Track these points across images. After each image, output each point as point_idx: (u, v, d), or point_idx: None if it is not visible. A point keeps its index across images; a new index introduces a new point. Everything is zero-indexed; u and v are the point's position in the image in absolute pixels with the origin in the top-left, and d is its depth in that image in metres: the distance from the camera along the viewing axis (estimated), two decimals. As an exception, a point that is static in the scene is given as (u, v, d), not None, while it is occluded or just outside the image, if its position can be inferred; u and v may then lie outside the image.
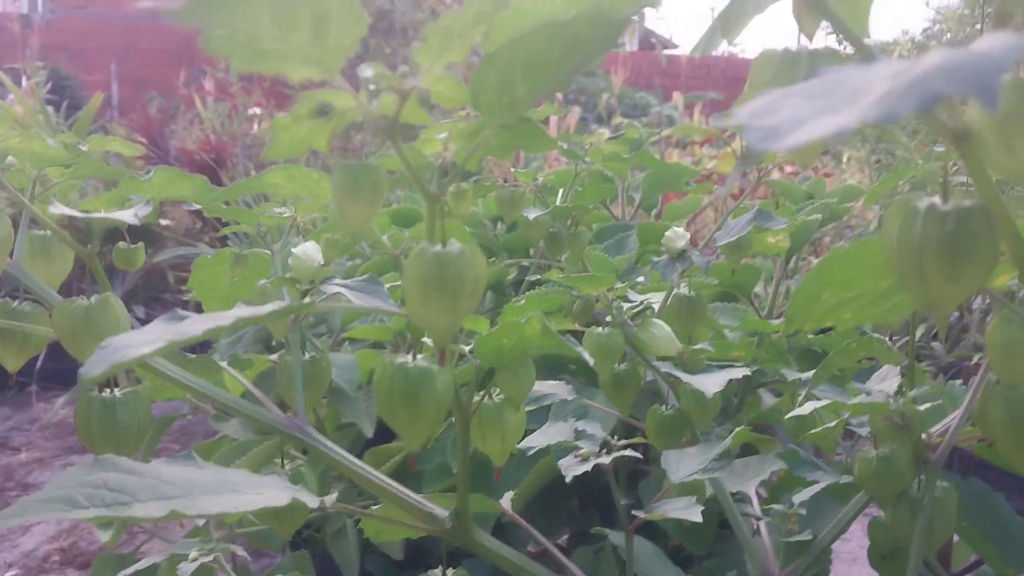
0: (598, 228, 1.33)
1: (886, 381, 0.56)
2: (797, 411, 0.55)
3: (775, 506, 0.74)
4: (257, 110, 3.97)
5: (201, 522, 0.92)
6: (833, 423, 0.56)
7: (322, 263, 0.53)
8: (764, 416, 1.03)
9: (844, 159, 3.80)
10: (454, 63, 0.30)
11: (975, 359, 1.86)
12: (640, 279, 0.86)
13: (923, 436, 0.52)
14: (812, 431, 0.60)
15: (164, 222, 2.83)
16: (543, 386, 0.79)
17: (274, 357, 1.14)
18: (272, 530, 1.13)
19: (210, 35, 0.23)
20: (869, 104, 0.22)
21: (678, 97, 5.48)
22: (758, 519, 0.76)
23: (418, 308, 0.33)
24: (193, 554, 0.74)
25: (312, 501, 0.42)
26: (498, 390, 0.49)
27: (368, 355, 1.26)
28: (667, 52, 9.06)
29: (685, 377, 0.63)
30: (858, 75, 0.25)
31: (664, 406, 0.73)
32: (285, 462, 0.56)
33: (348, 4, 0.24)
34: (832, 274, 0.38)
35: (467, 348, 0.49)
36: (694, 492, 0.71)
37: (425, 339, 0.46)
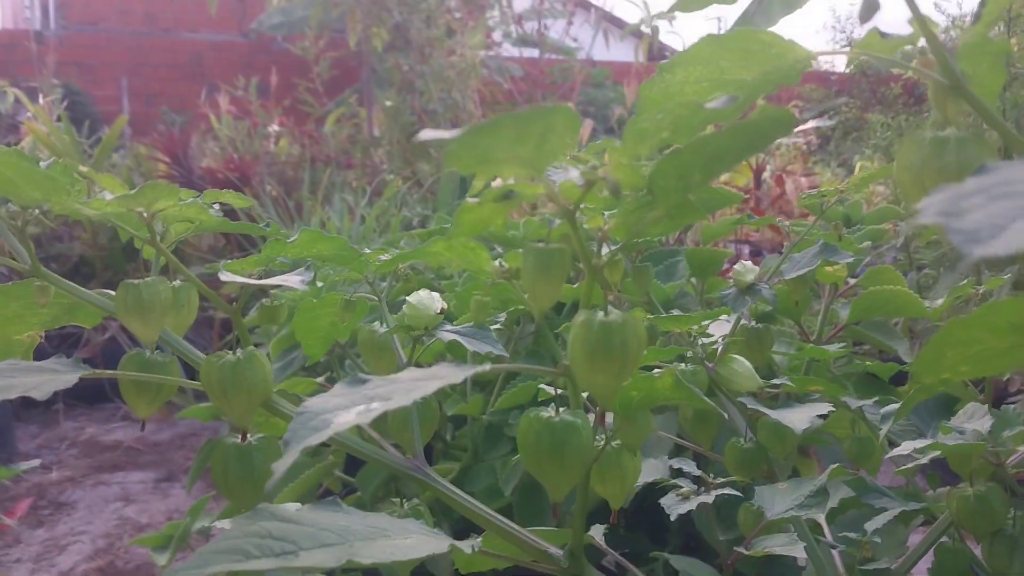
0: (646, 254, 1.36)
1: (974, 419, 0.58)
2: (898, 450, 0.57)
3: (849, 534, 0.76)
4: (276, 127, 4.00)
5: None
6: (925, 459, 0.58)
7: (437, 311, 0.55)
8: (811, 439, 1.05)
9: (856, 168, 3.82)
10: (639, 155, 0.32)
11: None
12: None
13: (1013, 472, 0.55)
14: (902, 468, 0.62)
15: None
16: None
17: (320, 380, 1.17)
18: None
19: (452, 148, 0.26)
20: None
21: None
22: (833, 547, 0.78)
23: (585, 373, 0.36)
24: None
25: (464, 547, 0.44)
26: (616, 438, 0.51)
27: None
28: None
29: (773, 414, 0.66)
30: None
31: (743, 439, 0.76)
32: (402, 501, 0.59)
33: (569, 120, 0.27)
34: (957, 334, 0.41)
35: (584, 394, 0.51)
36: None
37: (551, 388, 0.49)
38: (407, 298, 0.56)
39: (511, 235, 1.20)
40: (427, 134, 0.24)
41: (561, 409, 0.44)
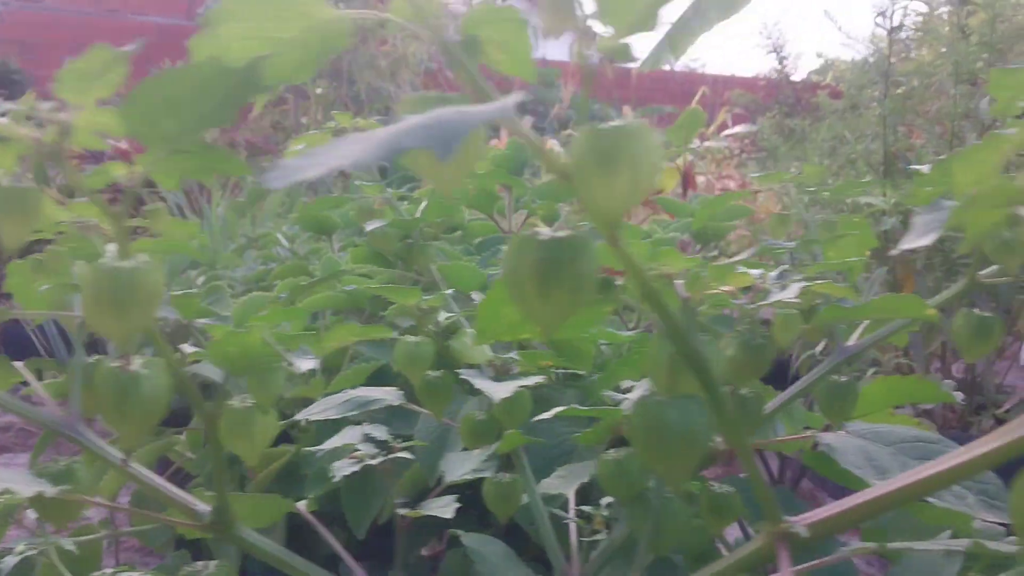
0: (480, 240, 1.37)
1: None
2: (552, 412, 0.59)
3: (584, 507, 0.78)
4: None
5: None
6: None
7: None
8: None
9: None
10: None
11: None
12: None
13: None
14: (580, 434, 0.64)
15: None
16: (374, 391, 0.83)
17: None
18: (158, 530, 1.15)
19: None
20: (353, 152, 0.26)
21: (628, 111, 5.56)
22: (565, 520, 0.80)
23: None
24: (20, 547, 0.76)
25: (50, 490, 0.45)
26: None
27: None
28: (626, 65, 9.15)
29: (477, 383, 0.67)
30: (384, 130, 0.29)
31: (479, 412, 0.77)
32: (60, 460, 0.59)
33: None
34: (497, 301, 0.43)
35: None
36: (510, 495, 0.76)
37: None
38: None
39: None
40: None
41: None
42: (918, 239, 0.40)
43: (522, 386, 0.68)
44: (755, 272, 0.60)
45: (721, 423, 0.42)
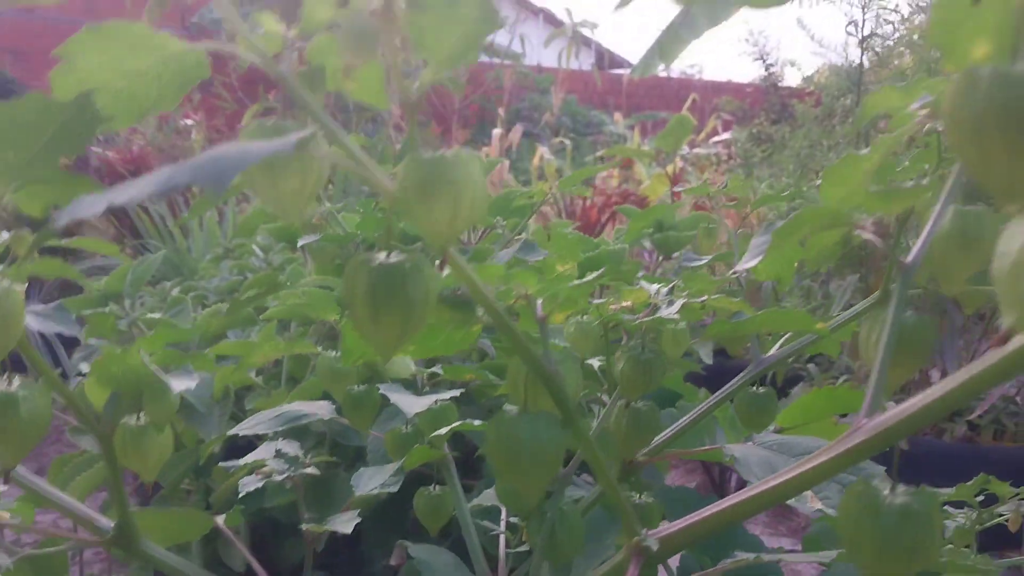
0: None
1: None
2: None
3: (513, 519, 0.79)
4: (189, 121, 3.99)
5: None
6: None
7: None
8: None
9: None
10: None
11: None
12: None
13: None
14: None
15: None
16: (306, 406, 0.84)
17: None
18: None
19: None
20: (131, 190, 0.27)
21: (620, 119, 5.57)
22: (495, 532, 0.81)
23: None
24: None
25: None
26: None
27: (230, 370, 1.29)
28: (620, 71, 9.19)
29: (393, 398, 0.68)
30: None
31: (406, 426, 0.78)
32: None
33: None
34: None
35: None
36: (439, 507, 0.77)
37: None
38: None
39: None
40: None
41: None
42: (748, 262, 0.41)
43: (439, 400, 0.69)
44: (651, 288, 0.61)
45: (576, 438, 0.43)
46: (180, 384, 0.49)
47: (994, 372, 0.31)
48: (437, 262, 0.38)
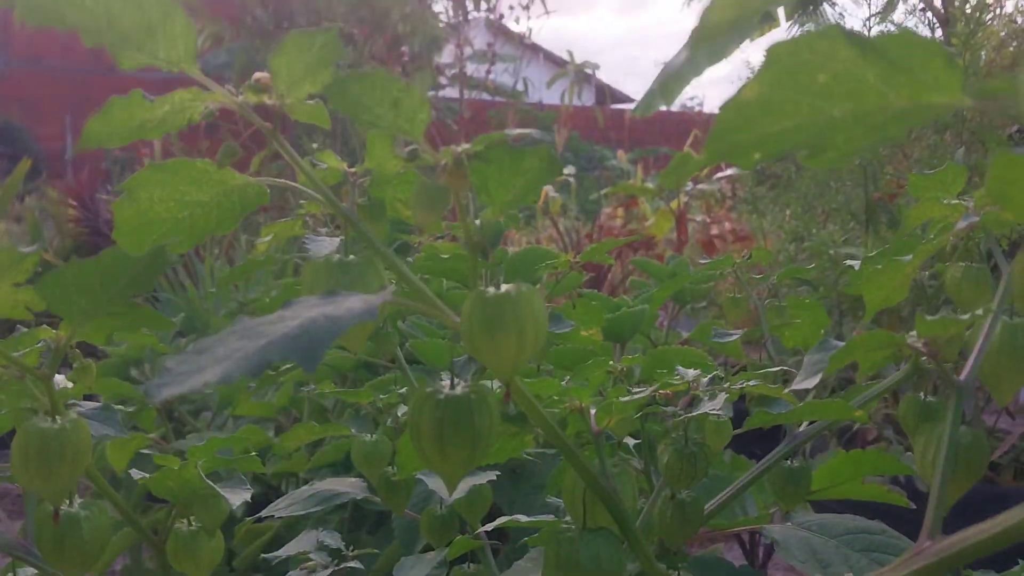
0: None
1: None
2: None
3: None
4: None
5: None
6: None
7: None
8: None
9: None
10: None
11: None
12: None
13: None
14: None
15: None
16: (339, 485, 0.85)
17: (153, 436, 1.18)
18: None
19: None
20: (224, 368, 0.28)
21: (623, 155, 5.61)
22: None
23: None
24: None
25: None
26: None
27: (253, 430, 1.30)
28: (621, 107, 9.27)
29: (429, 482, 0.69)
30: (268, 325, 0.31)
31: (440, 506, 0.78)
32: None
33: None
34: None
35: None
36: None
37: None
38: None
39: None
40: None
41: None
42: (805, 380, 0.42)
43: (475, 484, 0.69)
44: (690, 374, 0.62)
45: (637, 556, 0.43)
46: (236, 497, 0.49)
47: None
48: (500, 390, 0.38)
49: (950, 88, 0.28)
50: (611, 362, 0.71)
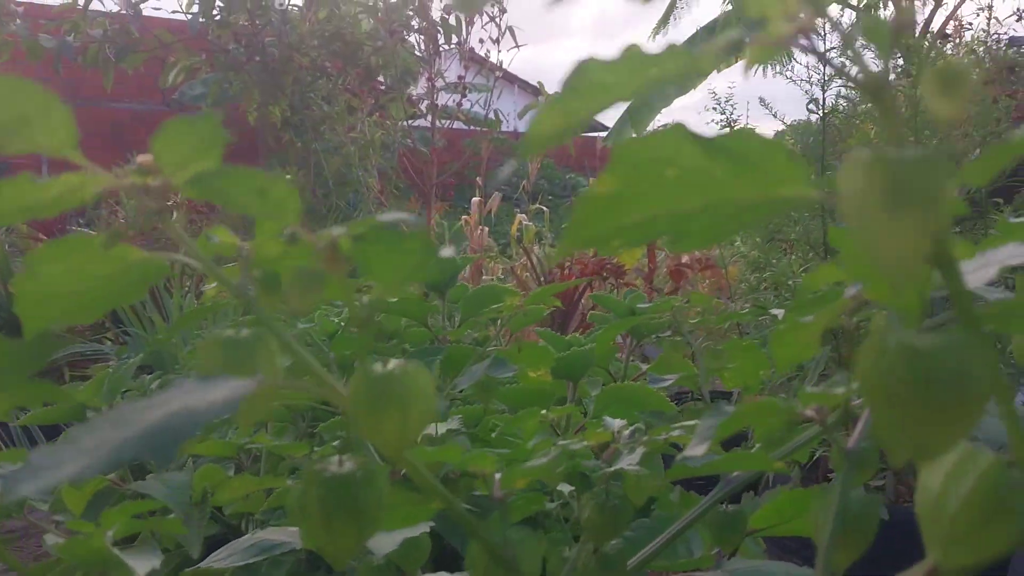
0: (414, 349, 1.40)
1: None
2: None
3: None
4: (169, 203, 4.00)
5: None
6: None
7: None
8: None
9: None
10: None
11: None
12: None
13: None
14: None
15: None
16: (281, 534, 0.84)
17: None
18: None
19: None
20: (82, 463, 0.28)
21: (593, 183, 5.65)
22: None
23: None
24: None
25: None
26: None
27: (210, 470, 1.28)
28: (594, 135, 9.34)
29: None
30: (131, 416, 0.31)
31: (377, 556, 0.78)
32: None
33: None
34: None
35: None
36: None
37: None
38: None
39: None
40: None
41: None
42: (695, 447, 0.42)
43: (410, 536, 0.69)
44: (616, 424, 0.62)
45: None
46: (143, 566, 0.49)
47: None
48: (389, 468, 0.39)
49: (796, 182, 0.29)
50: (543, 412, 0.72)
